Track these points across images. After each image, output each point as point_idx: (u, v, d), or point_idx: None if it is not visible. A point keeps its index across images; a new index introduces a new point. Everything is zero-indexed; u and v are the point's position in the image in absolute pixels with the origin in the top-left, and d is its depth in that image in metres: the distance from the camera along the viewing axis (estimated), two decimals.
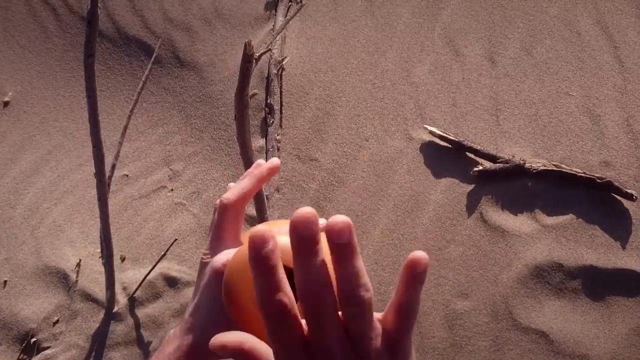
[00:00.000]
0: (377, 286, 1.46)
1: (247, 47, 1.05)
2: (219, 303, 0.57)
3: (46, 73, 1.91)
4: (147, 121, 1.77)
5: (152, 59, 1.43)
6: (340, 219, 0.39)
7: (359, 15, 1.79)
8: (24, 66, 1.93)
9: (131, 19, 1.90)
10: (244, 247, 0.53)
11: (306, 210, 0.37)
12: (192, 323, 0.59)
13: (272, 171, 0.63)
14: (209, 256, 0.61)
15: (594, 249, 1.43)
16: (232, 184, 0.64)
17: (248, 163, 1.24)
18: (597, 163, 1.51)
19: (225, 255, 0.59)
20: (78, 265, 1.59)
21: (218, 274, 0.58)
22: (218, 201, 0.62)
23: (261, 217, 1.39)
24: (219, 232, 0.62)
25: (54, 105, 1.86)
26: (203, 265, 0.61)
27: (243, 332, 0.43)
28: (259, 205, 1.37)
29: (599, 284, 1.41)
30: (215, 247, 0.61)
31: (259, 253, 0.37)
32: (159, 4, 1.90)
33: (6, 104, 1.88)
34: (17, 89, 1.90)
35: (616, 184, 1.45)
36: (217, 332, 0.56)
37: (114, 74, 1.86)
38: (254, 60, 1.30)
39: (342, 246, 0.38)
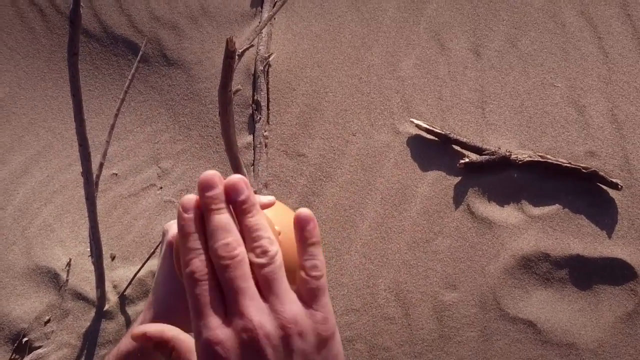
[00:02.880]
0: (366, 279, 1.47)
1: (229, 43, 1.05)
2: (173, 273, 0.58)
3: (34, 74, 1.92)
4: (135, 120, 1.78)
5: (138, 57, 1.44)
6: (235, 177, 0.45)
7: (345, 10, 1.80)
8: (12, 67, 1.93)
9: (118, 18, 1.90)
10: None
11: (209, 173, 0.44)
12: (154, 298, 0.60)
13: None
14: (168, 226, 0.62)
15: (580, 238, 1.44)
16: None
17: (233, 159, 1.25)
18: (582, 153, 1.52)
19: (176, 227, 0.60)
20: (68, 264, 1.59)
21: (171, 246, 0.60)
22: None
23: None
24: None
25: (43, 105, 1.86)
26: (163, 235, 0.63)
27: (164, 324, 0.47)
28: None
29: (585, 273, 1.42)
30: (173, 224, 0.62)
31: (180, 219, 0.44)
32: (145, 3, 1.91)
33: None
34: (6, 90, 1.90)
35: (601, 173, 1.46)
36: (177, 303, 0.58)
37: (101, 74, 1.87)
38: (237, 57, 1.31)
39: (240, 202, 0.45)
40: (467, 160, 1.52)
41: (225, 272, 0.43)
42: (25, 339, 1.53)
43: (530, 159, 1.50)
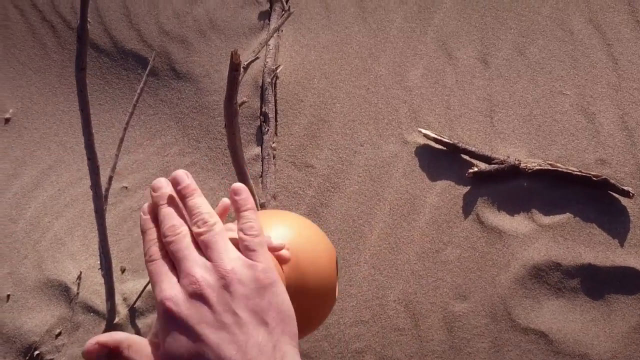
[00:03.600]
0: (375, 290, 1.46)
1: (234, 56, 1.06)
2: None
3: (46, 89, 1.94)
4: (145, 133, 1.79)
5: (147, 72, 1.45)
6: (178, 171, 0.57)
7: (352, 22, 1.80)
8: (24, 83, 1.96)
9: (128, 33, 1.92)
10: None
11: (158, 179, 0.56)
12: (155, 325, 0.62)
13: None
14: None
15: (591, 247, 1.42)
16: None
17: (240, 171, 1.25)
18: (592, 161, 1.51)
19: None
20: (79, 277, 1.60)
21: None
22: None
23: None
24: None
25: (54, 120, 1.88)
26: None
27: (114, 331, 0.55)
28: None
29: (597, 283, 1.40)
30: None
31: (140, 221, 0.56)
32: (154, 18, 1.93)
33: (7, 120, 1.91)
34: (18, 105, 1.93)
35: (612, 181, 1.44)
36: None
37: (112, 88, 1.89)
38: (243, 69, 1.32)
39: (181, 189, 0.56)
40: (476, 169, 1.52)
41: (171, 246, 0.52)
42: (36, 352, 1.54)
43: (540, 167, 1.49)
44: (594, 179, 1.45)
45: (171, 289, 0.49)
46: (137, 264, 1.61)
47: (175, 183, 0.56)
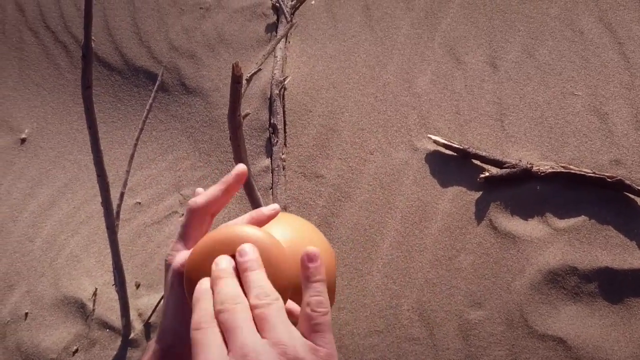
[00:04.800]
0: (389, 300, 1.44)
1: (235, 68, 1.07)
2: (182, 302, 0.58)
3: (60, 108, 1.97)
4: (157, 149, 1.81)
5: (155, 87, 1.46)
6: (246, 245, 0.53)
7: (359, 30, 1.80)
8: (39, 103, 2.00)
9: (138, 50, 1.95)
10: (199, 244, 0.56)
11: (220, 258, 0.53)
12: (163, 328, 0.60)
13: (239, 178, 0.66)
14: (172, 257, 0.63)
15: (608, 250, 1.39)
16: (200, 189, 0.68)
17: (246, 183, 1.25)
18: (607, 162, 1.48)
19: (183, 256, 0.61)
20: (94, 294, 1.61)
21: (178, 274, 0.60)
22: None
23: None
24: (184, 234, 0.64)
25: (69, 139, 1.91)
26: (168, 266, 0.63)
27: None
28: None
29: (616, 286, 1.37)
30: (179, 248, 0.63)
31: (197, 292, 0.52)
32: (164, 34, 1.95)
33: (23, 140, 1.95)
34: (34, 125, 1.96)
35: (627, 182, 1.41)
36: (186, 332, 0.59)
37: (124, 105, 1.91)
38: (246, 81, 1.32)
39: (246, 262, 0.51)
40: (487, 174, 1.50)
41: (225, 314, 0.47)
42: None
43: (552, 170, 1.47)
44: (609, 180, 1.42)
45: None
46: (151, 279, 1.61)
47: (240, 254, 0.52)
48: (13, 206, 1.83)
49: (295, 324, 0.50)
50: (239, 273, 0.51)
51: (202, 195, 0.66)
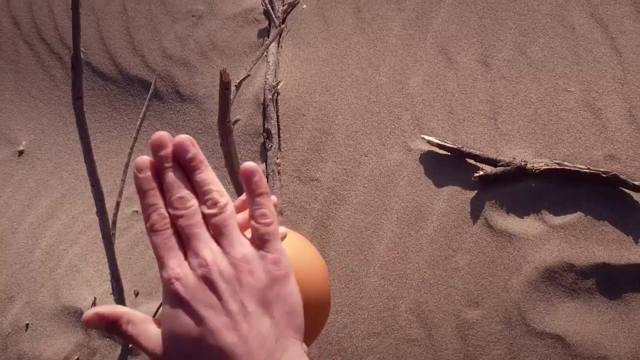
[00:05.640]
0: (386, 301, 1.44)
1: (223, 75, 1.07)
2: None
3: (56, 120, 1.98)
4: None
5: (148, 96, 1.47)
6: (182, 137, 0.51)
7: (350, 33, 1.81)
8: (35, 115, 2.01)
9: (132, 59, 1.96)
10: None
11: (159, 133, 0.50)
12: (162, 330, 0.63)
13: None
14: None
15: (605, 245, 1.39)
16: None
17: (238, 188, 1.26)
18: (602, 157, 1.47)
19: None
20: (93, 303, 1.62)
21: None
22: None
23: None
24: None
25: (66, 150, 1.92)
26: None
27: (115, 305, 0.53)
28: None
29: (613, 282, 1.36)
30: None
31: (136, 179, 0.50)
32: (157, 43, 1.96)
33: (21, 152, 1.95)
34: (31, 137, 1.97)
35: (622, 177, 1.41)
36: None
37: (119, 115, 1.92)
38: (235, 87, 1.33)
39: (188, 160, 0.50)
40: (481, 173, 1.49)
41: (181, 220, 0.49)
42: None
43: (547, 167, 1.46)
44: (604, 175, 1.42)
45: (180, 269, 0.47)
46: (150, 287, 1.62)
47: (180, 150, 0.50)
48: (12, 218, 1.84)
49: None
50: (186, 172, 0.51)
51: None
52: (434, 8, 1.78)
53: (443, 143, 1.54)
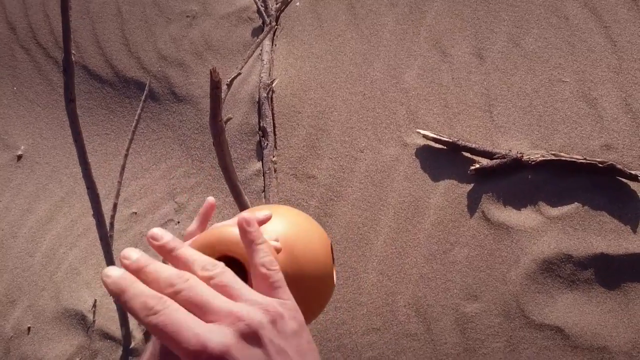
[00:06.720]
0: (385, 297, 1.44)
1: (213, 74, 1.07)
2: None
3: (54, 123, 1.99)
4: (150, 158, 1.82)
5: (143, 98, 1.47)
6: (152, 230, 0.48)
7: (344, 29, 1.80)
8: (33, 119, 2.01)
9: (128, 61, 1.96)
10: (193, 243, 0.57)
11: (130, 250, 0.46)
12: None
13: (208, 209, 0.71)
14: None
15: (603, 235, 1.38)
16: (211, 198, 0.72)
17: (232, 186, 1.26)
18: (598, 147, 1.46)
19: None
20: (94, 305, 1.62)
21: None
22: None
23: None
24: None
25: (64, 153, 1.93)
26: None
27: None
28: None
29: (612, 272, 1.35)
30: None
31: (112, 284, 0.45)
32: (152, 44, 1.96)
33: (20, 157, 1.96)
34: (29, 142, 1.98)
35: (619, 166, 1.40)
36: None
37: (116, 117, 1.92)
38: (227, 86, 1.33)
39: (166, 244, 0.48)
40: (477, 166, 1.49)
41: (183, 293, 0.43)
42: None
43: (543, 158, 1.46)
44: (600, 165, 1.41)
45: (212, 333, 0.41)
46: None
47: (155, 239, 0.48)
48: (12, 222, 1.85)
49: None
50: (165, 256, 0.48)
51: (190, 227, 0.70)
52: (427, 2, 1.78)
53: (438, 137, 1.54)
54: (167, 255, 0.48)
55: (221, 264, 0.47)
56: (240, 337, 0.42)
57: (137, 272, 0.45)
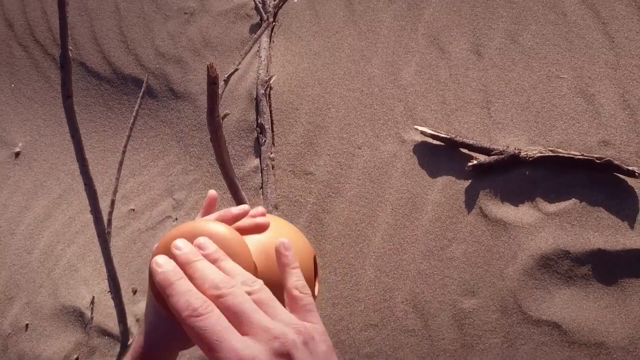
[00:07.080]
0: (383, 293, 1.44)
1: (210, 70, 1.07)
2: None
3: (52, 120, 1.99)
4: (148, 155, 1.82)
5: (141, 94, 1.47)
6: (202, 238, 0.52)
7: (342, 26, 1.80)
8: (31, 116, 2.01)
9: (126, 58, 1.96)
10: (165, 236, 0.57)
11: (181, 241, 0.51)
12: (144, 321, 0.63)
13: (211, 203, 0.71)
14: None
15: (600, 231, 1.38)
16: (212, 191, 0.73)
17: (230, 183, 1.26)
18: (595, 143, 1.47)
19: None
20: (92, 302, 1.62)
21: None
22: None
23: None
24: None
25: (62, 150, 1.93)
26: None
27: None
28: None
29: (609, 268, 1.36)
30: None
31: (158, 274, 0.48)
32: (150, 41, 1.96)
33: (17, 154, 1.96)
34: (27, 139, 1.98)
35: (616, 162, 1.40)
36: (166, 328, 0.61)
37: (114, 114, 1.92)
38: (224, 82, 1.33)
39: (211, 254, 0.51)
40: (475, 162, 1.49)
41: (227, 298, 0.46)
42: None
43: (540, 154, 1.46)
44: (598, 161, 1.41)
45: (249, 348, 0.43)
46: (147, 285, 1.62)
47: (200, 248, 0.51)
48: (10, 220, 1.84)
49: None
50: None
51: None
52: None
53: (436, 133, 1.54)
54: (211, 262, 0.50)
55: (260, 282, 0.49)
56: (274, 355, 0.43)
57: (185, 264, 0.48)
